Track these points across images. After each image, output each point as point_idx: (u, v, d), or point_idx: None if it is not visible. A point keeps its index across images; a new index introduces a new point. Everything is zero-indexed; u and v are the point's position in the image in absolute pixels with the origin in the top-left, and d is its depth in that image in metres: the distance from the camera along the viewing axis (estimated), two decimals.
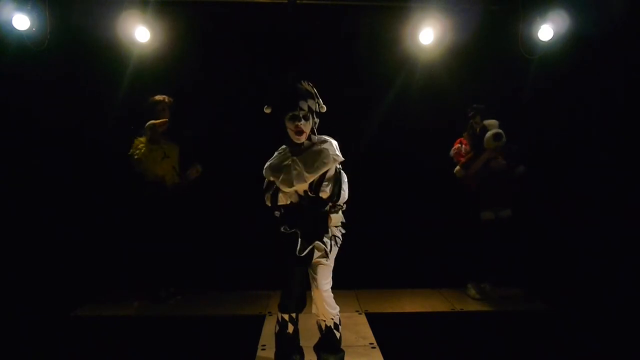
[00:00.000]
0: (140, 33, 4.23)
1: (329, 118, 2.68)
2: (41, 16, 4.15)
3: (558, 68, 4.42)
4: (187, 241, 4.19)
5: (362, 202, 3.30)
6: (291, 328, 2.74)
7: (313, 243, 2.54)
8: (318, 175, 2.50)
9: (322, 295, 2.60)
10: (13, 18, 4.02)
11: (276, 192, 2.60)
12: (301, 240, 2.53)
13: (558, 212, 4.44)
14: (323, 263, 2.60)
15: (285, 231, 2.58)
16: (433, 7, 4.30)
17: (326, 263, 2.61)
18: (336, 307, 2.68)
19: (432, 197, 4.52)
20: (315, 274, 2.59)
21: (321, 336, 2.74)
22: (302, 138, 2.53)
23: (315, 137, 2.60)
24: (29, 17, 4.07)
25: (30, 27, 4.10)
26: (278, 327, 2.77)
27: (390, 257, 4.48)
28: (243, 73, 4.43)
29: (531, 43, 4.44)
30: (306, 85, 2.53)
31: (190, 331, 3.50)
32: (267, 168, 2.63)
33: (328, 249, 2.57)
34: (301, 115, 2.47)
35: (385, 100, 4.60)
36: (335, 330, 2.69)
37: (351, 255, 3.09)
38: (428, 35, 4.34)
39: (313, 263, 2.60)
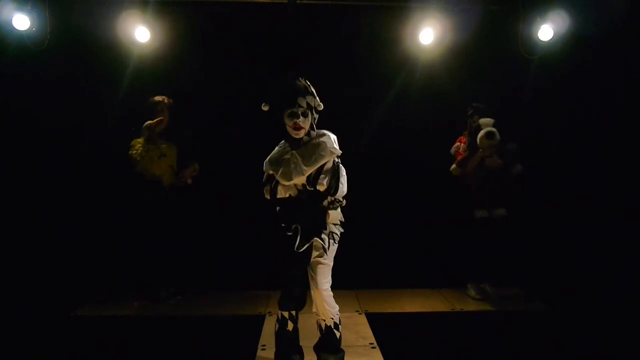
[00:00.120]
0: (140, 33, 4.23)
1: (329, 118, 2.69)
2: (41, 16, 4.15)
3: (558, 68, 4.42)
4: (187, 241, 4.19)
5: (362, 202, 3.31)
6: (291, 326, 2.74)
7: (311, 239, 2.54)
8: (315, 168, 2.51)
9: (322, 294, 2.60)
10: (13, 18, 4.03)
11: (275, 185, 2.60)
12: (300, 236, 2.53)
13: (558, 212, 4.44)
14: (322, 262, 2.60)
15: (285, 228, 2.57)
16: (433, 7, 4.30)
17: (325, 262, 2.61)
18: (336, 307, 2.68)
19: (432, 197, 4.52)
20: (314, 274, 2.60)
21: (321, 336, 2.74)
22: (301, 134, 2.54)
23: (313, 132, 2.61)
24: (29, 17, 4.07)
25: (30, 27, 4.10)
26: (278, 326, 2.77)
27: (390, 257, 4.48)
28: (243, 73, 4.43)
29: (531, 43, 4.44)
30: (304, 82, 2.55)
31: (190, 331, 3.51)
32: (267, 162, 2.65)
33: (326, 246, 2.57)
34: (299, 112, 2.49)
35: (385, 100, 4.60)
36: (335, 329, 2.69)
37: (351, 255, 3.09)
38: (428, 35, 4.34)
39: (312, 263, 2.60)
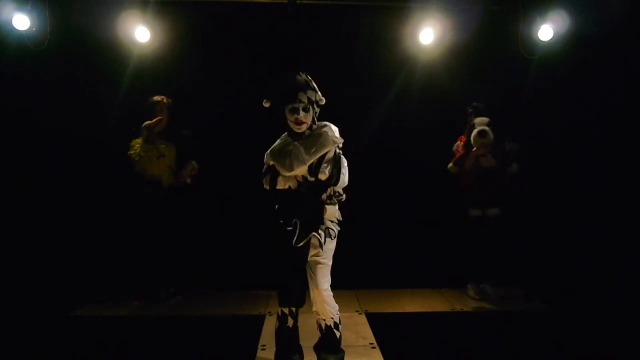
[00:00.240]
0: (140, 33, 4.23)
1: (329, 118, 2.69)
2: (41, 16, 4.15)
3: (558, 68, 4.41)
4: (187, 241, 4.19)
5: (362, 202, 3.31)
6: (291, 322, 2.74)
7: (310, 234, 2.54)
8: (317, 157, 2.51)
9: (322, 294, 2.60)
10: (13, 18, 4.02)
11: (275, 176, 2.60)
12: (299, 230, 2.53)
13: (558, 212, 4.43)
14: (321, 262, 2.60)
15: (285, 223, 2.57)
16: (433, 7, 4.30)
17: (324, 262, 2.61)
18: (336, 306, 2.68)
19: (432, 197, 4.51)
20: (314, 273, 2.60)
21: (321, 336, 2.73)
22: (303, 128, 2.55)
23: (315, 125, 2.62)
24: (29, 17, 4.07)
25: (30, 27, 4.10)
26: (278, 323, 2.77)
27: (390, 257, 4.48)
28: (243, 73, 4.43)
29: (531, 43, 4.43)
30: (304, 76, 2.54)
31: (190, 331, 3.51)
32: (269, 153, 2.65)
33: (322, 240, 2.57)
34: (300, 107, 2.49)
35: (385, 100, 4.59)
36: (335, 329, 2.69)
37: (351, 255, 3.09)
38: (428, 35, 4.34)
39: (311, 262, 2.60)
